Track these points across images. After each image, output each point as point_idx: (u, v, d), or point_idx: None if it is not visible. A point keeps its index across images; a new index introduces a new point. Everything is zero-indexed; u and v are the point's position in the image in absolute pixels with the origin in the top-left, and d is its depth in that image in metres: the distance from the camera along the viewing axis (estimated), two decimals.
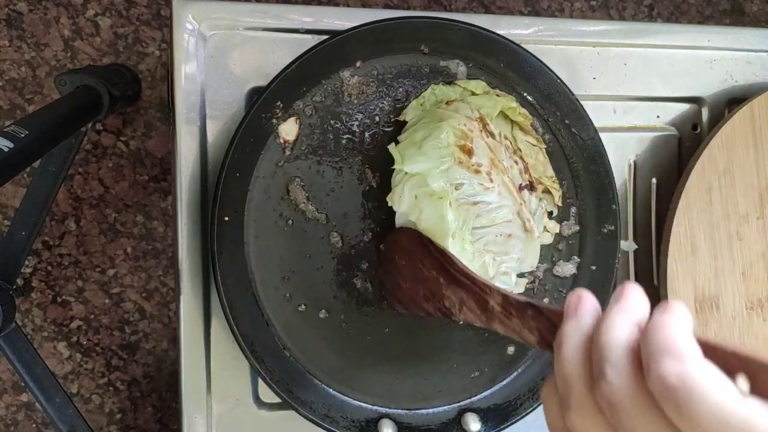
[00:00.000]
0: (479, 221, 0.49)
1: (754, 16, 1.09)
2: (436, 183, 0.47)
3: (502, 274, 0.51)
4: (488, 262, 0.50)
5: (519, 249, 0.51)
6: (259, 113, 0.50)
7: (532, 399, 0.56)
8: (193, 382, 0.53)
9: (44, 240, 0.91)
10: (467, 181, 0.48)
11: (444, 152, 0.48)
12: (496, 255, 0.50)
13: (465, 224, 0.49)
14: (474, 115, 0.50)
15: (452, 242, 0.47)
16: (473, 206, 0.49)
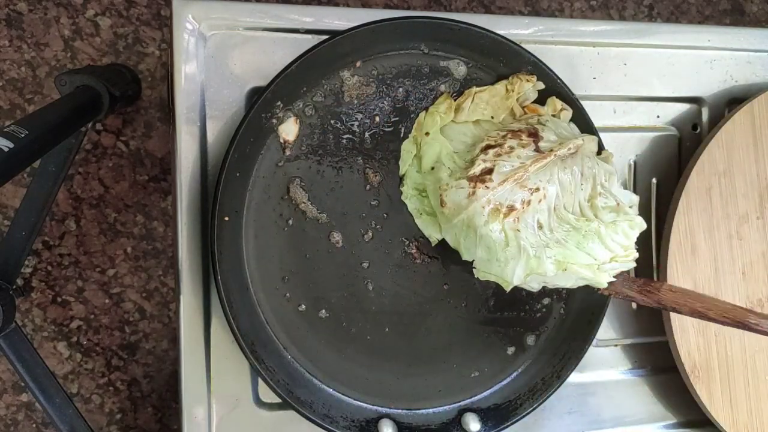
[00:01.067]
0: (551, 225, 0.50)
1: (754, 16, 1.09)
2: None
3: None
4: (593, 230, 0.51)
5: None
6: (259, 113, 0.50)
7: (532, 399, 0.56)
8: (193, 382, 0.53)
9: (44, 240, 0.91)
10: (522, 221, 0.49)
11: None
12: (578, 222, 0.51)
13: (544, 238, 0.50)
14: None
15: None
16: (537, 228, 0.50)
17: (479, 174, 0.48)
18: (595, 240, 0.49)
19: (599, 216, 0.50)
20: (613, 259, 0.50)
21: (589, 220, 0.49)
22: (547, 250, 0.48)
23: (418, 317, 0.55)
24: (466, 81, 0.54)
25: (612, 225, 0.50)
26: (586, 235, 0.49)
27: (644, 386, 0.63)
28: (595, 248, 0.49)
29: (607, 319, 0.60)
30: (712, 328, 0.59)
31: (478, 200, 0.48)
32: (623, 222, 0.51)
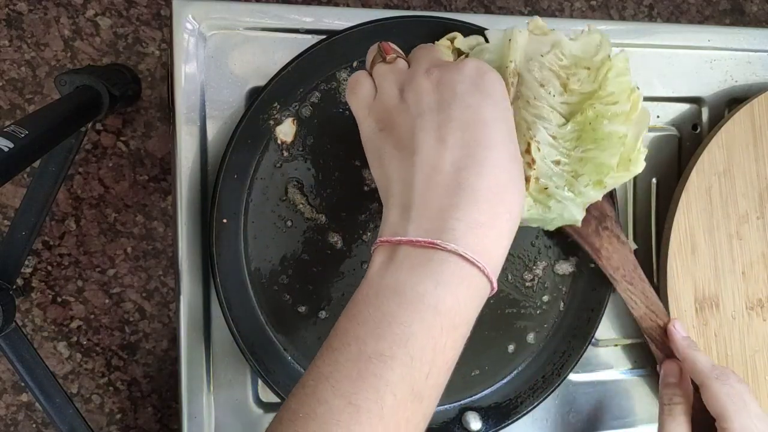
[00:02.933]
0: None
1: (754, 16, 1.09)
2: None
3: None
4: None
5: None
6: (256, 114, 0.50)
7: (532, 397, 0.56)
8: (193, 382, 0.53)
9: (44, 240, 0.91)
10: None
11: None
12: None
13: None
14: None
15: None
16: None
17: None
18: (601, 122, 0.45)
19: (583, 92, 0.46)
20: (627, 118, 0.46)
21: (582, 111, 0.45)
22: (580, 179, 0.46)
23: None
24: None
25: (597, 91, 0.45)
26: (594, 125, 0.45)
27: (644, 386, 0.63)
28: (610, 129, 0.45)
29: (607, 318, 0.60)
30: (712, 328, 0.59)
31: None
32: (603, 72, 0.45)
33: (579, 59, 0.45)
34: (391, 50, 0.43)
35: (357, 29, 0.50)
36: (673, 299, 0.58)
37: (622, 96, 0.45)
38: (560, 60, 0.45)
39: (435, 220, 0.36)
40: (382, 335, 0.34)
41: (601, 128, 0.44)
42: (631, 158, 0.46)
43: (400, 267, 0.35)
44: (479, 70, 0.39)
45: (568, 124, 0.45)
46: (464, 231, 0.35)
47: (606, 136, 0.45)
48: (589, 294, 0.56)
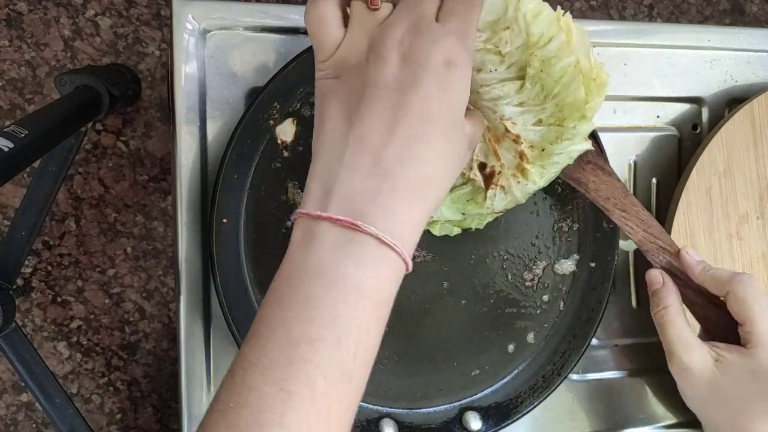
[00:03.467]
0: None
1: (754, 16, 1.09)
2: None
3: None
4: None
5: None
6: (256, 114, 0.50)
7: (532, 397, 0.56)
8: (193, 382, 0.53)
9: (44, 240, 0.91)
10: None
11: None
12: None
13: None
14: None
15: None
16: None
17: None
18: (549, 63, 0.44)
19: (518, 47, 0.44)
20: (569, 46, 0.45)
21: (529, 64, 0.44)
22: (566, 123, 0.46)
23: (417, 316, 0.55)
24: None
25: (528, 39, 0.44)
26: (546, 70, 0.44)
27: (644, 386, 0.63)
28: (561, 65, 0.44)
29: (607, 318, 0.60)
30: None
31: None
32: (521, 21, 0.44)
33: (494, 24, 0.44)
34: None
35: None
36: None
37: (552, 30, 0.44)
38: (479, 36, 0.44)
39: (357, 201, 0.36)
40: (308, 319, 0.35)
41: (552, 69, 0.44)
42: (594, 78, 0.46)
43: (321, 246, 0.36)
44: (449, 61, 0.38)
45: (525, 83, 0.45)
46: (383, 216, 0.36)
47: (562, 73, 0.44)
48: (589, 294, 0.56)
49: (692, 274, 0.52)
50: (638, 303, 0.61)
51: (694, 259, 0.52)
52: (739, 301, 0.49)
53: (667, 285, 0.52)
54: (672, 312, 0.51)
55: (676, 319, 0.51)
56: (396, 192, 0.37)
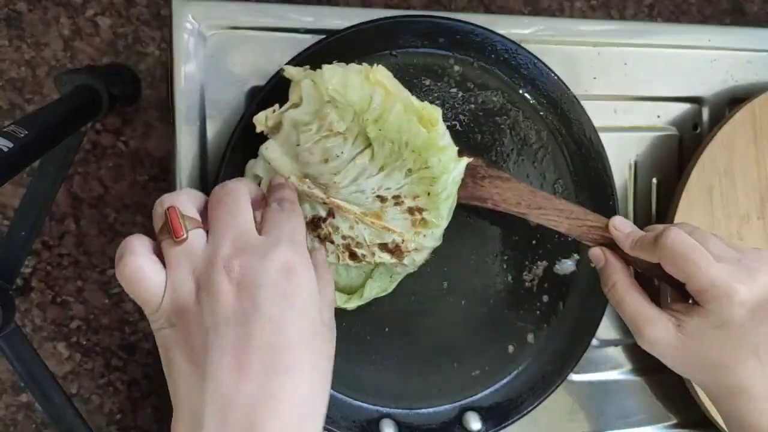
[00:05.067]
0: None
1: (754, 16, 1.09)
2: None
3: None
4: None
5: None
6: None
7: (532, 397, 0.56)
8: None
9: (44, 240, 0.91)
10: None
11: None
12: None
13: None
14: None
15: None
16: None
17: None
18: (384, 122, 0.44)
19: (348, 122, 0.44)
20: (389, 95, 0.44)
21: (365, 134, 0.44)
22: (438, 182, 0.46)
23: (417, 316, 0.55)
24: (464, 79, 0.54)
25: (352, 108, 0.44)
26: (384, 132, 0.44)
27: (644, 386, 0.62)
28: (393, 119, 0.44)
29: (607, 318, 0.60)
30: None
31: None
32: (333, 96, 0.44)
33: (317, 111, 0.44)
34: (181, 227, 0.36)
35: (357, 29, 0.50)
36: None
37: (366, 90, 0.44)
38: (310, 130, 0.44)
39: None
40: None
41: (388, 124, 0.44)
42: (425, 115, 0.45)
43: None
44: (286, 268, 0.35)
45: (374, 147, 0.44)
46: None
47: (398, 123, 0.44)
48: (589, 294, 0.56)
49: (625, 248, 0.49)
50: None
51: (622, 232, 0.49)
52: (671, 262, 0.45)
53: (609, 261, 0.49)
54: (621, 288, 0.48)
55: (627, 294, 0.48)
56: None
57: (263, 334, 0.34)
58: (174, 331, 0.36)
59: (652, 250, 0.46)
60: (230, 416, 0.33)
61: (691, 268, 0.44)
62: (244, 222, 0.37)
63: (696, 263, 0.43)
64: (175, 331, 0.36)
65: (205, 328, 0.34)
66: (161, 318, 0.36)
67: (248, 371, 0.34)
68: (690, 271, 0.44)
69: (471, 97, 0.54)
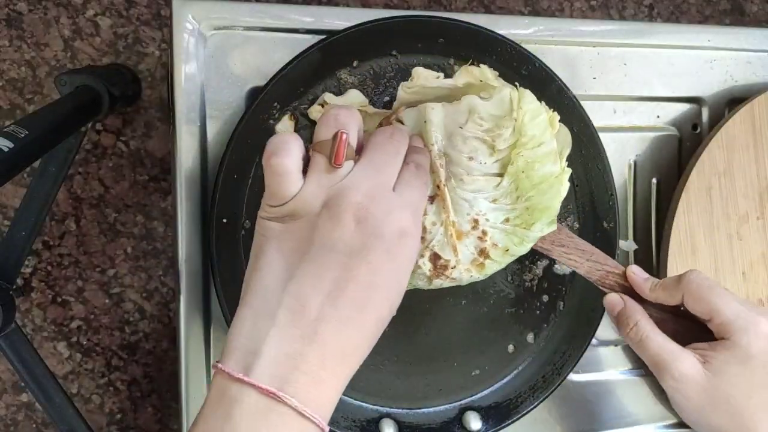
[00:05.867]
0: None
1: (754, 16, 1.09)
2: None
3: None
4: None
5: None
6: (256, 114, 0.50)
7: (532, 397, 0.56)
8: (193, 382, 0.53)
9: (44, 240, 0.91)
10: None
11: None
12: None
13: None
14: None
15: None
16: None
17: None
18: (533, 167, 0.44)
19: (508, 146, 0.45)
20: (556, 156, 0.45)
21: (512, 162, 0.44)
22: (534, 227, 0.46)
23: (417, 316, 0.55)
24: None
25: (520, 138, 0.44)
26: (527, 173, 0.44)
27: (644, 386, 0.63)
28: (543, 172, 0.45)
29: (607, 318, 0.60)
30: None
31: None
32: (520, 120, 0.44)
33: (499, 118, 0.44)
34: (342, 157, 0.39)
35: (357, 29, 0.50)
36: None
37: (545, 135, 0.44)
38: (480, 125, 0.44)
39: (282, 366, 0.36)
40: None
41: (534, 173, 0.45)
42: (562, 182, 0.46)
43: (240, 412, 0.35)
44: (402, 232, 0.38)
45: (503, 180, 0.45)
46: (306, 384, 0.36)
47: (542, 180, 0.45)
48: (589, 294, 0.56)
49: (643, 293, 0.50)
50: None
51: (640, 277, 0.51)
52: (696, 298, 0.47)
53: (629, 304, 0.50)
54: (643, 326, 0.49)
55: (651, 332, 0.49)
56: (323, 360, 0.36)
57: (359, 271, 0.37)
58: (282, 227, 0.39)
59: (675, 289, 0.48)
60: (300, 320, 0.36)
61: (717, 301, 0.46)
62: (389, 175, 0.40)
63: (722, 296, 0.46)
64: (283, 227, 0.39)
65: (312, 239, 0.38)
66: (278, 212, 0.39)
67: (330, 291, 0.37)
68: (716, 304, 0.46)
69: None
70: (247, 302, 0.39)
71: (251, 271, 0.40)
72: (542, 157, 0.44)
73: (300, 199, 0.39)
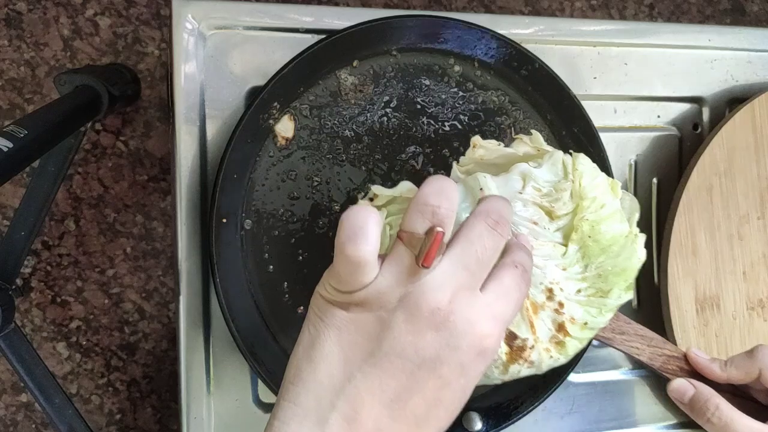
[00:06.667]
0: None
1: (754, 16, 1.09)
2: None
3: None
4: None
5: None
6: (256, 114, 0.50)
7: (533, 398, 0.55)
8: (193, 383, 0.53)
9: (43, 240, 0.91)
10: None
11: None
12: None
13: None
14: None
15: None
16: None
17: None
18: (599, 230, 0.41)
19: (568, 212, 0.42)
20: (622, 215, 0.42)
21: (576, 229, 0.41)
22: (611, 294, 0.43)
23: None
24: (464, 79, 0.54)
25: (581, 203, 0.41)
26: (594, 237, 0.41)
27: (644, 386, 0.62)
28: (612, 233, 0.42)
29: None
30: (713, 329, 0.59)
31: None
32: (577, 184, 0.42)
33: (555, 183, 0.42)
34: (433, 259, 0.33)
35: (357, 29, 0.50)
36: (674, 300, 0.58)
37: (606, 195, 0.42)
38: (539, 191, 0.41)
39: None
40: None
41: (601, 236, 0.41)
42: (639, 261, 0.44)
43: None
44: (482, 347, 0.34)
45: (569, 248, 0.41)
46: None
47: (612, 241, 0.42)
48: None
49: (712, 375, 0.49)
50: (638, 303, 0.61)
51: (705, 359, 0.50)
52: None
53: (700, 389, 0.49)
54: (725, 408, 0.47)
55: (735, 414, 0.47)
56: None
57: (426, 384, 0.33)
58: (347, 316, 0.34)
59: (750, 366, 0.48)
60: (353, 431, 0.33)
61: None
62: (480, 276, 0.35)
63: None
64: (348, 317, 0.34)
65: (380, 339, 0.33)
66: (344, 299, 0.34)
67: (391, 402, 0.33)
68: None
69: (471, 97, 0.54)
70: (293, 397, 0.34)
71: (302, 359, 0.35)
72: (607, 218, 0.41)
73: (374, 290, 0.34)
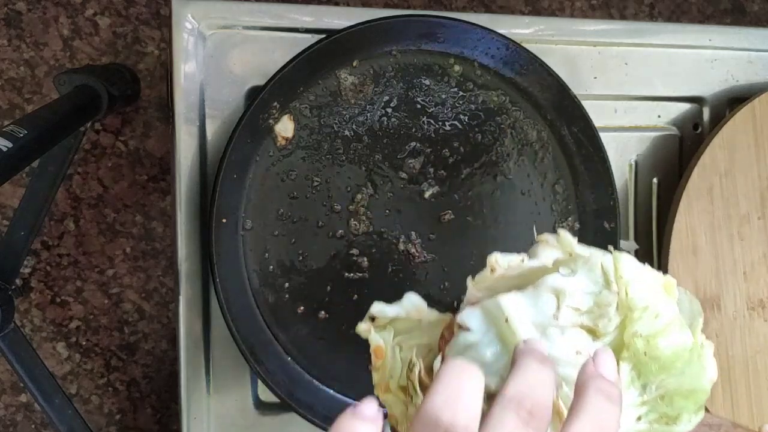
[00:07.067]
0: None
1: (755, 16, 1.09)
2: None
3: None
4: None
5: None
6: (255, 114, 0.50)
7: None
8: (193, 383, 0.53)
9: (43, 240, 0.91)
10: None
11: None
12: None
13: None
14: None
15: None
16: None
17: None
18: (656, 345, 0.34)
19: (614, 328, 0.34)
20: (682, 323, 0.36)
21: (627, 347, 0.34)
22: (682, 418, 0.34)
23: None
24: (464, 79, 0.54)
25: (630, 315, 0.34)
26: (650, 353, 0.34)
27: None
28: (674, 348, 0.35)
29: None
30: (713, 329, 0.59)
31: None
32: (623, 293, 0.34)
33: (597, 297, 0.34)
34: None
35: (357, 28, 0.50)
36: None
37: (659, 301, 0.35)
38: (578, 310, 0.34)
39: None
40: None
41: (659, 352, 0.34)
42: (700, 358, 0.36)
43: None
44: None
45: (620, 369, 0.34)
46: None
47: (673, 357, 0.35)
48: None
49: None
50: None
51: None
52: None
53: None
54: None
55: None
56: None
57: None
58: None
59: None
60: None
61: None
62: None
63: None
64: None
65: None
66: None
67: None
68: None
69: (471, 97, 0.54)
70: None
71: None
72: (664, 329, 0.34)
73: None
